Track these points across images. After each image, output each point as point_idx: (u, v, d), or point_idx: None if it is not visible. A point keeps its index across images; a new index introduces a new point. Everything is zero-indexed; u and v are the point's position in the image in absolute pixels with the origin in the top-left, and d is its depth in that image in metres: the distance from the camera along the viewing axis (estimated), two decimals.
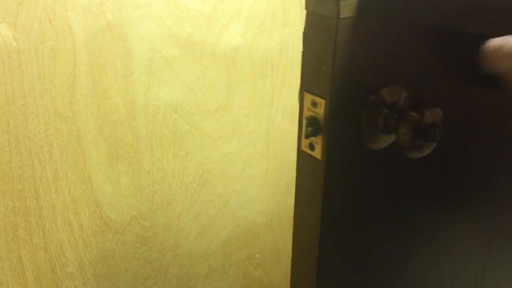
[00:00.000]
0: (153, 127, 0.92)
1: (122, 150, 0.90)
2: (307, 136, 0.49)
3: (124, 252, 0.96)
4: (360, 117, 0.49)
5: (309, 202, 0.52)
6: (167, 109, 0.93)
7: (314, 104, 0.48)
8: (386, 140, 0.51)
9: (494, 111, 0.62)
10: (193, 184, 1.02)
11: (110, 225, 0.93)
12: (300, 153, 0.51)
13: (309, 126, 0.48)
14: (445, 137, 0.49)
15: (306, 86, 0.49)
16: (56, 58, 0.79)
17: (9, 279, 0.84)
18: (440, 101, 0.49)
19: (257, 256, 1.18)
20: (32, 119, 0.79)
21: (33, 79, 0.77)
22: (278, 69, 1.06)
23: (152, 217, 0.98)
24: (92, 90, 0.83)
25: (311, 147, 0.49)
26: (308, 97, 0.48)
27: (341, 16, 0.44)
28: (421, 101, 0.49)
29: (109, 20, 0.82)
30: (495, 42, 0.40)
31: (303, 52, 0.48)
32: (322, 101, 0.47)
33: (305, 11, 0.47)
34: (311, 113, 0.48)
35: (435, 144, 0.49)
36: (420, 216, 0.61)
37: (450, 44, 0.52)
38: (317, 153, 0.49)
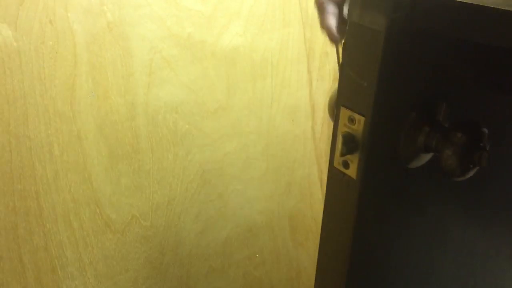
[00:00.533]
0: (153, 127, 0.92)
1: (122, 150, 0.90)
2: (342, 155, 0.46)
3: (125, 252, 0.96)
4: (399, 135, 0.46)
5: (339, 223, 0.48)
6: (167, 109, 0.93)
7: (351, 120, 0.45)
8: (423, 159, 0.49)
9: None
10: (193, 184, 1.02)
11: (111, 225, 0.93)
12: (332, 170, 0.48)
13: (345, 144, 0.45)
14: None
15: (344, 101, 0.45)
16: (56, 58, 0.79)
17: (10, 279, 0.84)
18: (484, 120, 0.47)
19: (257, 256, 1.18)
20: (32, 119, 0.79)
21: (34, 79, 0.78)
22: (278, 69, 1.06)
23: (152, 216, 0.98)
24: (92, 90, 0.83)
25: (345, 165, 0.46)
26: (345, 113, 0.45)
27: (390, 30, 0.40)
28: (466, 121, 0.46)
29: (109, 20, 0.82)
30: None
31: (342, 64, 0.45)
32: (362, 118, 0.44)
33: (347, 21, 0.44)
34: (348, 130, 0.45)
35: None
36: (450, 234, 0.59)
37: (496, 62, 0.49)
38: (352, 172, 0.46)
